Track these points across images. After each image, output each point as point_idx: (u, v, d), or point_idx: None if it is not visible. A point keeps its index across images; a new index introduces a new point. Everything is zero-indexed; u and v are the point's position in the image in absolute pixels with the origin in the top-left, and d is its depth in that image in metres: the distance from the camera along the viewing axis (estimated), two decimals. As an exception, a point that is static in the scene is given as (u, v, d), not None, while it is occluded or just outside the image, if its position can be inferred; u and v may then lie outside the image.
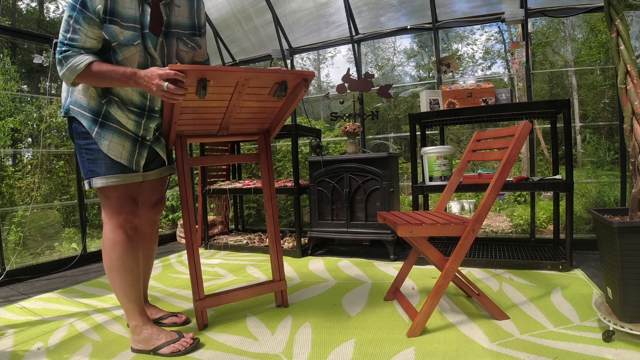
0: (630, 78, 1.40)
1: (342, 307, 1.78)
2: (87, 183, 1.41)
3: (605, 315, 1.37)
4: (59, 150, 4.32)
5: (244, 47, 3.97)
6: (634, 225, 1.26)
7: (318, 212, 2.85)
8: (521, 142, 1.49)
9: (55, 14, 9.30)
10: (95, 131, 1.37)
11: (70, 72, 1.28)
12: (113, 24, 1.30)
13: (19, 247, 3.45)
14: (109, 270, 1.43)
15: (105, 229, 1.43)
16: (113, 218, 1.41)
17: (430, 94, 2.58)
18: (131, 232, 1.43)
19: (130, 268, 1.43)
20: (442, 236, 2.52)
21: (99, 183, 1.38)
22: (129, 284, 1.43)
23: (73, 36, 1.27)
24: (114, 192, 1.41)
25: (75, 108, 1.39)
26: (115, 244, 1.40)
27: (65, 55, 1.28)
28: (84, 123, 1.38)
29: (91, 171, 1.39)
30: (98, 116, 1.38)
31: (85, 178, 1.41)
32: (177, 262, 2.85)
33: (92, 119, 1.38)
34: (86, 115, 1.38)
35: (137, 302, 1.45)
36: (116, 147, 1.39)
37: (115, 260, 1.41)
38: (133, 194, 1.45)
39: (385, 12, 3.35)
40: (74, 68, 1.28)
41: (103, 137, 1.38)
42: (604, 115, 7.75)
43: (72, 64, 1.28)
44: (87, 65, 1.27)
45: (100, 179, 1.38)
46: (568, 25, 8.43)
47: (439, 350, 1.34)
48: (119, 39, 1.32)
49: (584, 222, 3.57)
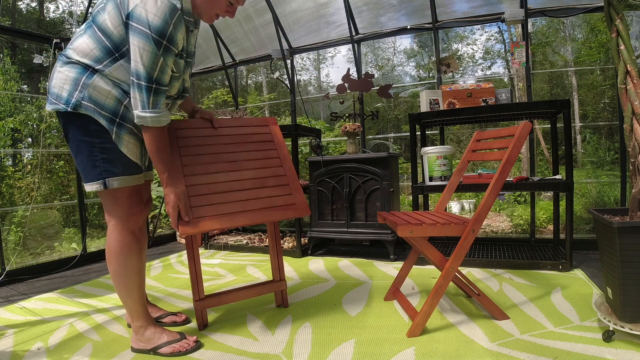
0: (630, 78, 1.40)
1: (342, 307, 1.78)
2: (102, 184, 1.33)
3: (605, 315, 1.37)
4: (59, 150, 4.32)
5: (244, 47, 3.97)
6: (634, 225, 1.26)
7: (318, 212, 2.85)
8: (521, 142, 1.49)
9: (55, 14, 9.30)
10: (114, 131, 1.33)
11: (152, 121, 1.29)
12: (181, 58, 1.37)
13: (19, 247, 3.46)
14: (115, 273, 1.41)
15: (113, 231, 1.39)
16: (122, 219, 1.39)
17: (430, 94, 2.58)
18: (139, 233, 1.43)
19: (138, 270, 1.43)
20: (442, 236, 2.52)
21: (116, 184, 1.34)
22: (135, 285, 1.43)
23: (160, 76, 1.28)
24: (125, 192, 1.39)
25: (91, 105, 1.30)
26: (124, 246, 1.39)
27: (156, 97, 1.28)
28: (102, 122, 1.31)
29: (107, 171, 1.33)
30: (116, 116, 1.34)
31: (96, 179, 1.33)
32: (177, 262, 2.85)
33: (110, 118, 1.33)
34: (104, 114, 1.32)
35: (142, 303, 1.46)
36: (133, 147, 1.39)
37: (122, 263, 1.39)
38: (140, 195, 1.46)
39: (385, 12, 3.35)
40: (157, 120, 1.30)
41: (121, 137, 1.35)
42: (604, 115, 7.75)
43: (159, 116, 1.30)
44: (165, 124, 1.32)
45: (117, 179, 1.34)
46: (568, 25, 8.43)
47: (439, 350, 1.34)
48: (180, 70, 1.38)
49: (584, 222, 3.57)
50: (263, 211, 1.58)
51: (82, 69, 1.31)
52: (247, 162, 1.66)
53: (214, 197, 1.52)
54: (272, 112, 9.67)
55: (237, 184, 1.59)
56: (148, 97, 1.26)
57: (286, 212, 1.63)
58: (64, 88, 1.31)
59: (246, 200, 1.57)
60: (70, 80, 1.31)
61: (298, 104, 3.84)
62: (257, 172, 1.66)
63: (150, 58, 1.23)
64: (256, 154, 1.70)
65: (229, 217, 1.50)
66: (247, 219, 1.54)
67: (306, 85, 12.20)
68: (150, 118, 1.28)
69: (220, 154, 1.62)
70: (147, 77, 1.25)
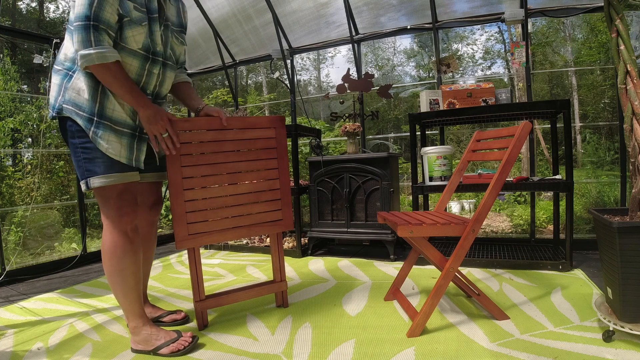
0: (630, 78, 1.40)
1: (342, 307, 1.78)
2: (84, 183, 1.37)
3: (605, 315, 1.37)
4: (59, 150, 4.33)
5: (244, 47, 3.97)
6: (634, 225, 1.26)
7: (318, 212, 2.85)
8: (521, 142, 1.49)
9: (55, 14, 9.30)
10: (91, 130, 1.34)
11: (98, 57, 1.26)
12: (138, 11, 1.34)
13: (19, 247, 3.46)
14: (109, 273, 1.42)
15: (105, 231, 1.41)
16: (114, 219, 1.39)
17: (430, 94, 2.58)
18: (132, 234, 1.42)
19: (132, 271, 1.42)
20: (442, 236, 2.52)
21: (97, 183, 1.35)
22: (130, 286, 1.42)
23: (98, 11, 1.24)
24: (113, 192, 1.38)
25: (69, 107, 1.35)
26: (116, 247, 1.39)
27: (97, 33, 1.25)
28: (79, 122, 1.34)
29: (88, 171, 1.36)
30: (93, 115, 1.35)
31: (81, 178, 1.37)
32: (177, 262, 2.85)
33: (88, 118, 1.34)
34: (81, 114, 1.34)
35: (138, 304, 1.45)
36: (114, 145, 1.37)
37: (116, 264, 1.40)
38: (132, 194, 1.43)
39: (385, 12, 3.35)
40: (103, 55, 1.26)
41: (100, 136, 1.35)
42: (604, 115, 7.75)
43: (104, 51, 1.26)
44: (114, 61, 1.29)
45: (98, 178, 1.35)
46: (568, 25, 8.44)
47: (439, 350, 1.34)
48: (131, 15, 1.33)
49: (584, 222, 3.57)
50: (251, 227, 1.68)
51: (64, 75, 1.38)
52: (246, 174, 1.66)
53: (209, 213, 1.59)
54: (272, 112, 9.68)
55: (233, 199, 1.64)
56: (87, 34, 1.25)
57: (272, 228, 1.73)
58: (52, 95, 1.40)
59: (239, 217, 1.65)
60: (56, 87, 1.40)
61: (298, 104, 3.84)
62: (254, 185, 1.68)
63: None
64: (256, 164, 1.69)
65: (220, 234, 1.61)
66: (236, 234, 1.66)
67: (306, 85, 12.21)
68: (96, 54, 1.25)
69: (220, 164, 1.60)
70: (84, 14, 1.24)
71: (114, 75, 1.30)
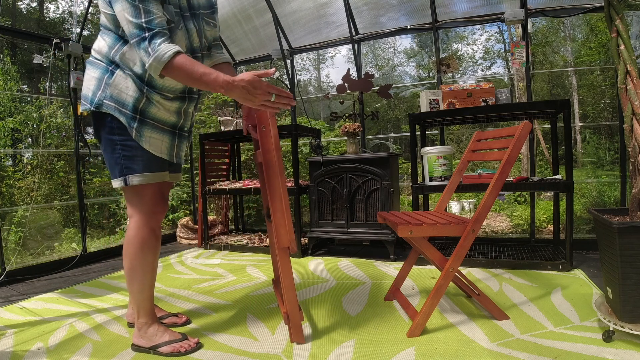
0: (630, 78, 1.40)
1: (342, 307, 1.78)
2: (122, 180, 1.36)
3: (605, 315, 1.37)
4: (59, 150, 4.33)
5: (244, 47, 3.97)
6: (634, 225, 1.26)
7: (318, 212, 2.85)
8: (521, 142, 1.49)
9: (55, 14, 9.31)
10: (134, 128, 1.34)
11: (157, 63, 1.20)
12: (168, 4, 1.29)
13: (19, 247, 3.46)
14: (131, 268, 1.43)
15: (134, 227, 1.42)
16: (145, 216, 1.41)
17: (430, 94, 2.58)
18: (158, 232, 1.46)
19: (152, 268, 1.46)
20: (442, 236, 2.52)
21: (136, 180, 1.36)
22: (148, 283, 1.45)
23: (148, 17, 1.20)
24: (149, 190, 1.41)
25: (111, 103, 1.33)
26: (144, 243, 1.41)
27: (152, 39, 1.20)
28: (121, 119, 1.34)
29: (127, 168, 1.36)
30: (136, 113, 1.35)
31: (119, 175, 1.37)
32: (177, 262, 2.85)
33: (131, 116, 1.34)
34: (124, 111, 1.34)
35: (150, 301, 1.47)
36: (156, 142, 1.39)
37: (140, 259, 1.42)
38: (163, 193, 1.47)
39: (385, 12, 3.35)
40: (159, 59, 1.20)
41: (142, 134, 1.36)
42: (604, 115, 7.74)
43: (158, 53, 1.19)
44: (172, 56, 1.19)
45: (137, 176, 1.36)
46: (568, 25, 8.44)
47: (439, 350, 1.34)
48: (174, 20, 1.30)
49: (584, 222, 3.57)
50: None
51: (104, 69, 1.35)
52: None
53: None
54: (272, 112, 9.64)
55: None
56: (147, 45, 1.21)
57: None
58: (89, 88, 1.36)
59: None
60: (95, 80, 1.36)
61: (298, 104, 3.84)
62: None
63: (130, 11, 1.21)
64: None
65: None
66: None
67: (306, 85, 12.20)
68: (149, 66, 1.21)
69: None
70: (137, 29, 1.21)
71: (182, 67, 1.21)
